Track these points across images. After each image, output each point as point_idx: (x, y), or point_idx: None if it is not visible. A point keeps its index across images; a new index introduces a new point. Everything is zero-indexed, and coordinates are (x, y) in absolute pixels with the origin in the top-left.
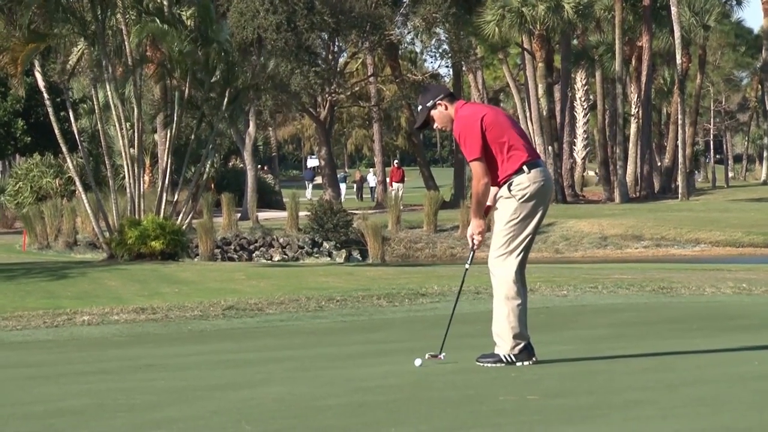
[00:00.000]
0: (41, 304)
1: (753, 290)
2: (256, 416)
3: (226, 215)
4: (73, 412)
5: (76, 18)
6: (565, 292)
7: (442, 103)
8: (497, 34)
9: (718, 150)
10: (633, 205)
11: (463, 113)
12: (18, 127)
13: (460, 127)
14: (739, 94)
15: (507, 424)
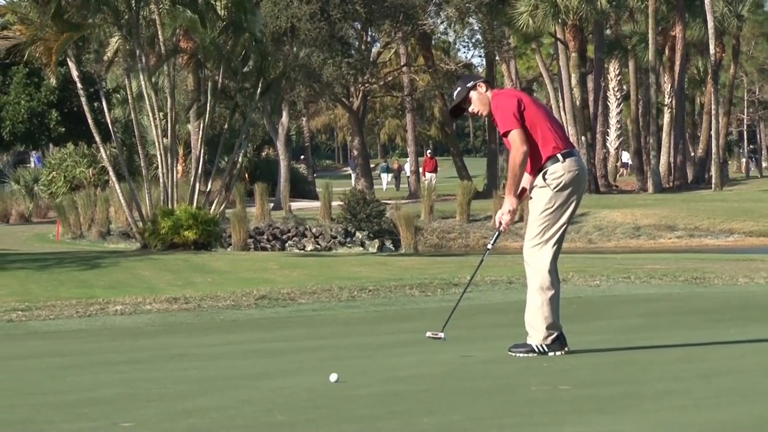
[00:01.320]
0: (74, 294)
1: None
2: (288, 406)
3: (259, 205)
4: (105, 402)
5: (110, 8)
6: (597, 282)
7: (481, 85)
8: (531, 24)
9: (751, 140)
10: (666, 195)
11: (502, 92)
12: (52, 117)
13: (497, 101)
14: None
15: (538, 414)
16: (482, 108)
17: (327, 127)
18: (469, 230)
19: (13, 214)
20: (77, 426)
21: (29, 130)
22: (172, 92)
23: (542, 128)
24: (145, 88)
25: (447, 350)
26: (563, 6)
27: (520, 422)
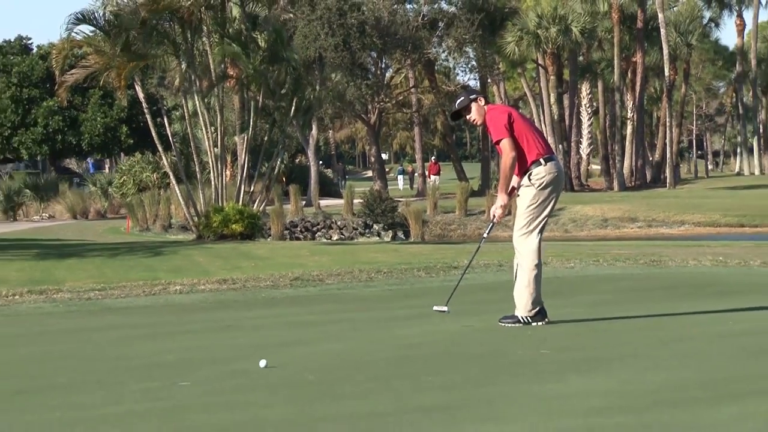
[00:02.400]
0: (141, 276)
1: (728, 263)
2: (316, 368)
3: (293, 202)
4: (166, 365)
5: (169, 41)
6: (572, 264)
7: (481, 99)
8: (516, 52)
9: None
10: (629, 193)
11: (495, 107)
12: (122, 131)
13: (491, 115)
14: (717, 101)
15: (524, 374)
16: (478, 118)
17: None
18: (467, 223)
19: (92, 211)
20: (144, 385)
21: (104, 141)
22: (221, 110)
23: (528, 137)
24: (199, 107)
25: (448, 322)
26: (543, 37)
27: (508, 381)
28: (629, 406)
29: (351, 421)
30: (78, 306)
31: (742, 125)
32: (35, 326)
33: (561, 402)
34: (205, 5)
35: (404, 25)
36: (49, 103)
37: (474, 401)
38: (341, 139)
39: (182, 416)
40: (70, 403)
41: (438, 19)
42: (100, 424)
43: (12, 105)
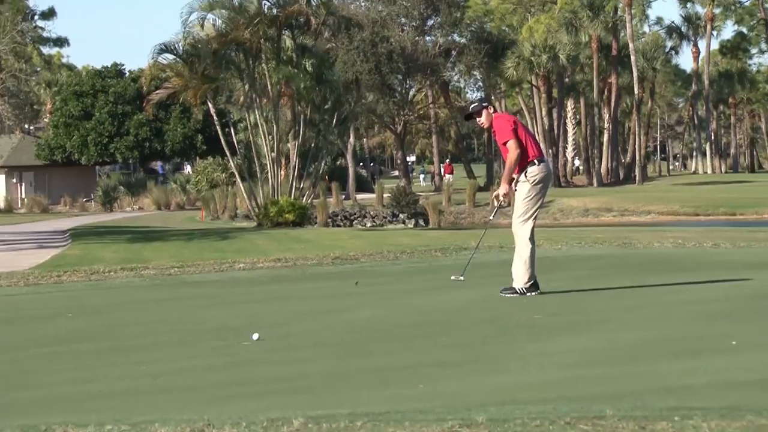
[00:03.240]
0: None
1: (686, 245)
2: (352, 330)
3: (334, 196)
4: (232, 328)
5: (235, 66)
6: (559, 246)
7: (490, 107)
8: (515, 75)
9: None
10: (605, 188)
11: (503, 115)
12: (198, 139)
13: (499, 121)
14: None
15: (521, 335)
16: (486, 122)
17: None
18: (475, 212)
19: (172, 204)
20: (214, 344)
21: (183, 147)
22: (277, 122)
23: (526, 142)
24: (259, 119)
25: (459, 293)
26: (536, 63)
27: (508, 340)
28: (605, 360)
29: (380, 373)
30: (161, 280)
31: (697, 133)
32: (126, 297)
33: (551, 358)
34: (264, 38)
35: (424, 53)
36: (138, 116)
37: (480, 357)
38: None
39: (244, 369)
40: (154, 358)
41: (451, 48)
42: (177, 374)
43: (109, 118)
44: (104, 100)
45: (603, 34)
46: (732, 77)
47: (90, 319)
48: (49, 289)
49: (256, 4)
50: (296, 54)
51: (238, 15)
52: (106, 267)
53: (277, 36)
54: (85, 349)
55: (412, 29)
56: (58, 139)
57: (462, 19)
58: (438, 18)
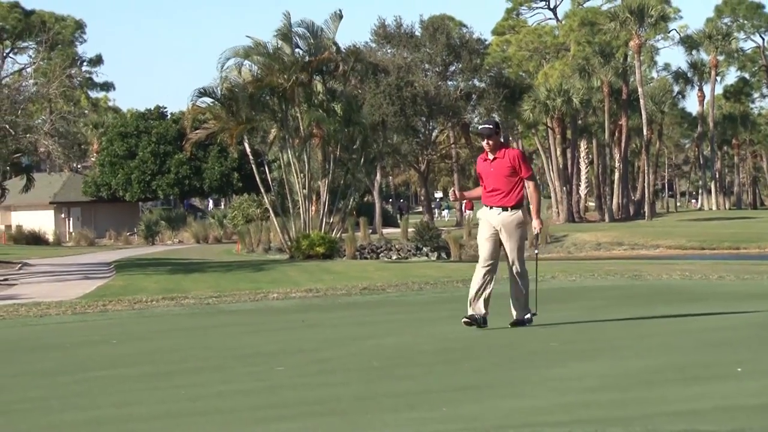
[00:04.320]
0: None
1: (693, 277)
2: (380, 356)
3: (362, 231)
4: (266, 354)
5: (269, 109)
6: (573, 278)
7: (501, 133)
8: (531, 117)
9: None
10: (616, 224)
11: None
12: (234, 177)
13: (520, 153)
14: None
15: (538, 361)
16: (494, 145)
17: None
18: None
19: (210, 237)
20: (249, 369)
21: (220, 185)
22: (308, 161)
23: None
24: (292, 158)
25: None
26: (551, 106)
27: (525, 366)
28: (617, 385)
29: (405, 397)
30: (200, 309)
31: (702, 172)
32: (167, 324)
33: (565, 382)
34: (296, 83)
35: (446, 96)
36: (179, 155)
37: (498, 382)
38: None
39: (277, 393)
40: (193, 382)
41: (472, 92)
42: (215, 398)
43: (151, 158)
44: (147, 140)
45: (614, 79)
46: (735, 120)
47: (133, 346)
48: (95, 318)
49: (290, 51)
50: (326, 97)
51: (273, 61)
52: (149, 297)
53: (308, 81)
54: (128, 374)
55: (435, 74)
56: (104, 177)
57: (482, 65)
58: (459, 64)
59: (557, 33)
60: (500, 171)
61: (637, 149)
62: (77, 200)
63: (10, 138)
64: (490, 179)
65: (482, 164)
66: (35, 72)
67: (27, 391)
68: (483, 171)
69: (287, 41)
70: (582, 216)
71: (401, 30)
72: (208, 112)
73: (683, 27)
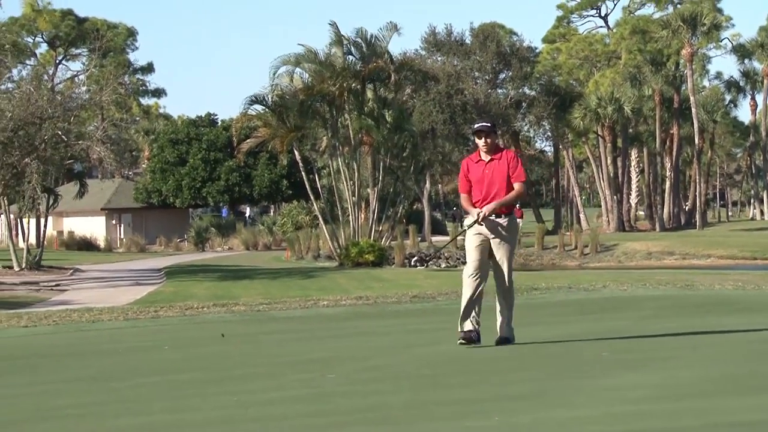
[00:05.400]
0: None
1: (745, 287)
2: (430, 364)
3: (411, 238)
4: (317, 361)
5: (319, 116)
6: (625, 287)
7: (498, 135)
8: (581, 125)
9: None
10: (667, 233)
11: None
12: (283, 184)
13: (516, 156)
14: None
15: (590, 371)
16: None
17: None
18: (543, 254)
19: (260, 244)
20: (299, 377)
21: (269, 192)
22: (358, 169)
23: None
24: (341, 166)
25: (529, 330)
26: (602, 114)
27: (577, 375)
28: (670, 396)
29: (457, 405)
30: (250, 316)
31: (754, 182)
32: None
33: (618, 393)
34: (347, 90)
35: (496, 104)
36: (229, 163)
37: (550, 391)
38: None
39: (328, 400)
40: (244, 389)
41: (522, 100)
42: (267, 405)
43: (202, 164)
44: (198, 147)
45: (665, 87)
46: None
47: (185, 352)
48: (147, 323)
49: (342, 59)
50: (377, 105)
51: (324, 69)
52: (199, 303)
53: (359, 89)
54: (180, 380)
55: (485, 82)
56: (155, 184)
57: (532, 73)
58: (509, 72)
59: (608, 41)
60: (497, 175)
61: (689, 158)
62: (128, 206)
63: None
64: (485, 183)
65: (474, 167)
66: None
67: (80, 396)
68: (476, 174)
69: (339, 49)
70: (633, 225)
71: (451, 38)
72: (259, 120)
73: (735, 35)
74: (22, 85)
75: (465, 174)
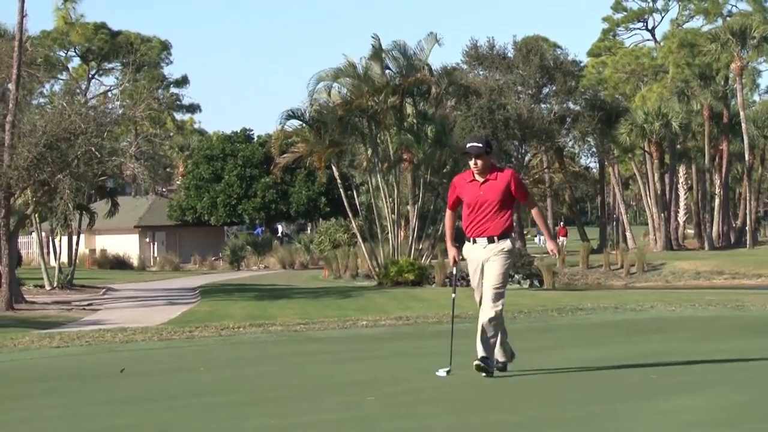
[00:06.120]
0: (335, 313)
1: None
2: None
3: None
4: (357, 383)
5: (358, 132)
6: (673, 308)
7: (492, 152)
8: (628, 141)
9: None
10: (717, 252)
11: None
12: (321, 201)
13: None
14: None
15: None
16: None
17: None
18: (588, 274)
19: (297, 263)
20: (339, 399)
21: (307, 209)
22: (398, 185)
23: None
24: (381, 182)
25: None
26: (649, 130)
27: (626, 398)
28: (721, 419)
29: (502, 428)
30: (287, 336)
31: None
32: (255, 352)
33: (667, 417)
34: (387, 105)
35: (540, 120)
36: (265, 179)
37: (600, 415)
38: None
39: (369, 424)
40: (282, 412)
41: (566, 115)
42: (306, 428)
43: (238, 181)
44: (233, 163)
45: (714, 102)
46: None
47: (221, 373)
48: (181, 344)
49: (381, 73)
50: (417, 120)
51: (363, 83)
52: (235, 323)
53: (399, 103)
54: (216, 402)
55: (528, 97)
56: (189, 201)
57: (576, 88)
58: (553, 86)
59: (655, 54)
60: (492, 196)
61: (738, 175)
62: (162, 224)
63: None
64: (479, 206)
65: (467, 187)
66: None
67: (114, 418)
68: (469, 196)
69: (378, 62)
70: (680, 243)
71: (494, 51)
72: (296, 135)
73: None
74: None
75: (455, 192)
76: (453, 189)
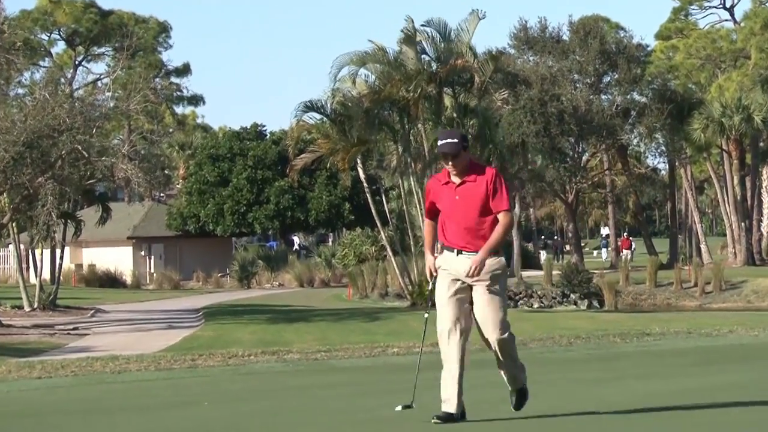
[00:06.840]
0: (361, 339)
1: None
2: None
3: None
4: (384, 420)
5: (388, 127)
6: (756, 332)
7: (469, 149)
8: (702, 138)
9: None
10: None
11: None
12: (345, 208)
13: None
14: None
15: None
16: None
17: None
18: (656, 293)
19: (316, 280)
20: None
21: (328, 217)
22: None
23: None
24: (414, 186)
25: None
26: (727, 125)
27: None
28: None
29: None
30: (306, 366)
31: None
32: (269, 383)
33: None
34: (421, 96)
35: (600, 113)
36: (280, 183)
37: None
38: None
39: None
40: None
41: (630, 108)
42: None
43: (248, 185)
44: (242, 164)
45: None
46: None
47: (228, 408)
48: (183, 374)
49: (415, 58)
50: (457, 113)
51: (394, 70)
52: (245, 350)
53: (436, 94)
54: None
55: (586, 87)
56: (192, 208)
57: (642, 76)
58: (615, 75)
59: (735, 37)
60: (471, 200)
61: None
62: (160, 235)
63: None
64: (456, 211)
65: (442, 190)
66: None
67: None
68: (443, 200)
69: (411, 46)
70: (764, 258)
71: (546, 34)
72: (316, 131)
73: None
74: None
75: (429, 197)
76: (427, 193)
